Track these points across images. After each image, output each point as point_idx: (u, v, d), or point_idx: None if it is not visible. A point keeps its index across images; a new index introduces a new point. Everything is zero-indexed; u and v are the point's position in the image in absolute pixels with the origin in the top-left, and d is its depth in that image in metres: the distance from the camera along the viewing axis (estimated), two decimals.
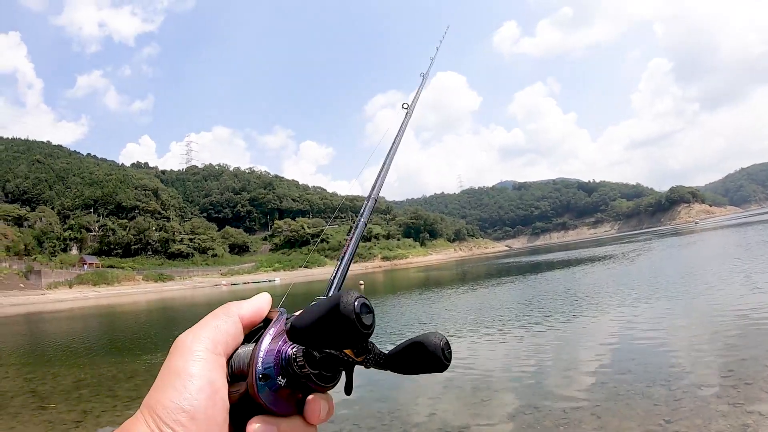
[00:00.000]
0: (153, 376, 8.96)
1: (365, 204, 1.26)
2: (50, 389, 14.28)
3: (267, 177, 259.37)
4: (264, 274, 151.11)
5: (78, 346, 24.68)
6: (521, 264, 64.53)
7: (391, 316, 24.00)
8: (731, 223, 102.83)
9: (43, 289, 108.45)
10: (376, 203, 1.28)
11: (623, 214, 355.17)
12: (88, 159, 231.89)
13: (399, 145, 1.40)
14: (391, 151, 1.37)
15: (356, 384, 7.97)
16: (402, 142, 1.27)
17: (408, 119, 1.55)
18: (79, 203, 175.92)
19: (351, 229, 1.18)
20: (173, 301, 67.05)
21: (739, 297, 16.53)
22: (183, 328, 10.26)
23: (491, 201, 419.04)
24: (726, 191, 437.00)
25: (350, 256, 1.11)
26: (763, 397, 7.85)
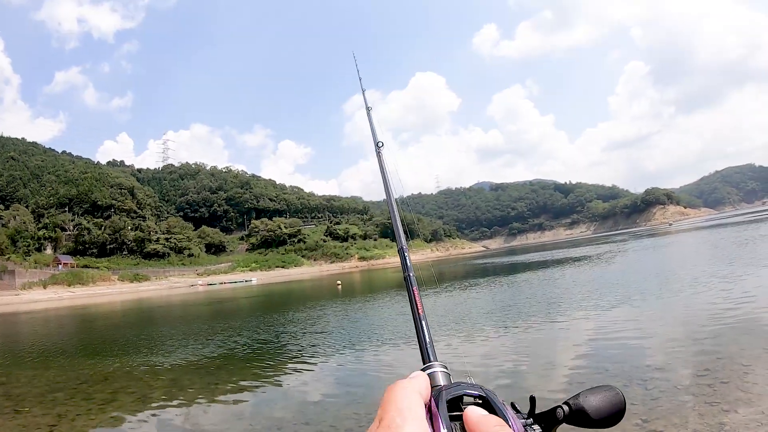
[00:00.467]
0: (129, 378, 10.04)
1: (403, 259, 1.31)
2: (24, 392, 14.14)
3: (244, 176, 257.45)
4: (241, 274, 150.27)
5: (52, 347, 24.65)
6: (498, 265, 64.95)
7: (370, 317, 24.49)
8: (705, 225, 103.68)
9: (17, 290, 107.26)
10: (405, 252, 1.32)
11: (599, 216, 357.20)
12: (63, 157, 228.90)
13: (390, 183, 1.46)
14: (389, 196, 1.43)
15: (330, 385, 8.97)
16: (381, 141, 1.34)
17: (381, 155, 1.63)
18: (54, 202, 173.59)
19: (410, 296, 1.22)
20: (149, 302, 66.80)
21: (714, 297, 16.73)
22: (159, 329, 11.43)
23: (468, 201, 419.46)
24: (701, 193, 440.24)
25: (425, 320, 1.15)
26: (739, 395, 7.96)
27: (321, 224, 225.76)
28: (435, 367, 0.95)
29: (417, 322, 1.13)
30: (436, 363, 0.96)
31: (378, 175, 1.46)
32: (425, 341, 1.06)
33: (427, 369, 0.95)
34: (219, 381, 13.57)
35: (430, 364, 0.96)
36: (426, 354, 1.03)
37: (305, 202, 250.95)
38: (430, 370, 0.94)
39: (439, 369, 0.95)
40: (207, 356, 17.42)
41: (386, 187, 1.53)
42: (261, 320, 28.87)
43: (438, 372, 0.94)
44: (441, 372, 0.95)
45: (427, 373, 0.93)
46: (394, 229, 1.43)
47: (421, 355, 1.03)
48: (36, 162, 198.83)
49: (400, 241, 1.38)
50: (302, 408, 10.36)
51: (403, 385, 0.80)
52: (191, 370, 15.40)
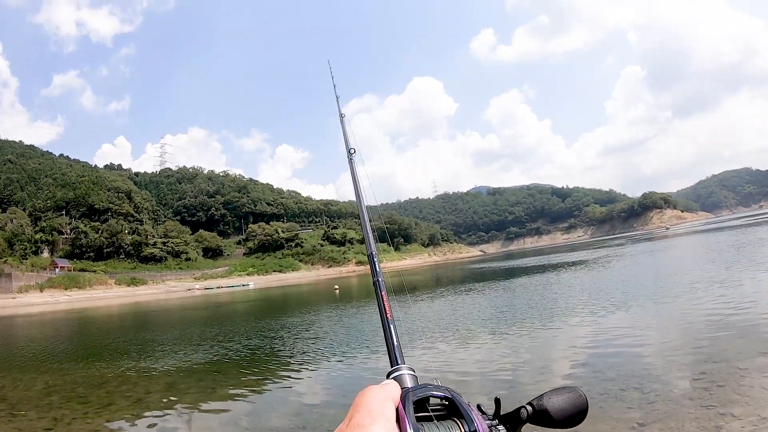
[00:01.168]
0: (125, 382, 10.01)
1: (372, 264, 1.33)
2: (20, 396, 14.11)
3: (241, 180, 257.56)
4: (238, 278, 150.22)
5: (49, 351, 24.61)
6: (495, 269, 64.96)
7: (367, 322, 24.49)
8: (702, 229, 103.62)
9: (13, 293, 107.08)
10: (374, 258, 1.34)
11: (596, 220, 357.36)
12: (60, 160, 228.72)
13: (361, 191, 1.50)
14: (360, 202, 1.47)
15: (327, 389, 8.94)
16: (378, 146, 1.38)
17: (353, 162, 1.67)
18: (51, 205, 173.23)
19: (378, 299, 1.23)
20: (146, 306, 66.73)
21: (710, 300, 16.73)
22: (156, 334, 11.41)
23: (466, 206, 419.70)
24: (698, 197, 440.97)
25: (393, 324, 1.16)
26: (735, 398, 7.97)
27: (318, 228, 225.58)
28: (402, 369, 0.97)
29: (385, 326, 1.14)
30: (403, 366, 0.98)
31: (374, 178, 1.50)
32: (393, 344, 1.08)
33: (395, 372, 0.97)
34: (216, 385, 13.55)
35: (398, 367, 0.98)
36: (394, 357, 1.05)
37: (303, 206, 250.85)
38: (397, 373, 0.96)
39: (407, 372, 0.97)
40: (203, 361, 17.40)
41: (357, 194, 1.55)
42: (258, 325, 28.83)
43: (405, 374, 0.96)
44: (408, 374, 0.97)
45: (394, 376, 0.96)
46: (364, 235, 1.47)
47: (389, 358, 1.05)
48: (33, 165, 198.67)
49: (369, 247, 1.42)
50: (299, 412, 10.36)
51: (375, 389, 0.82)
52: (188, 374, 15.38)
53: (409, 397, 0.84)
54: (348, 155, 1.77)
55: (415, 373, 0.97)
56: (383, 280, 1.28)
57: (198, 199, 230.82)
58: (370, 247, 1.43)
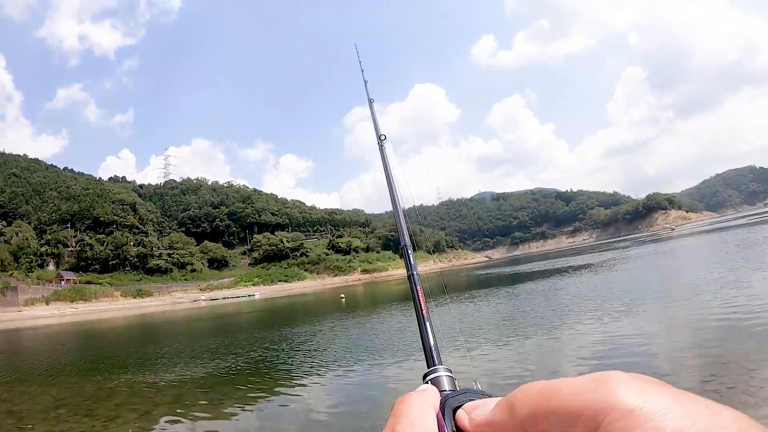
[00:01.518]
0: (132, 394, 9.99)
1: (406, 257, 1.27)
2: (27, 409, 14.12)
3: (245, 191, 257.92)
4: (243, 288, 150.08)
5: (56, 364, 24.67)
6: (501, 275, 64.90)
7: (374, 332, 24.45)
8: (707, 229, 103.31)
9: (19, 306, 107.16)
10: (408, 249, 1.27)
11: (601, 222, 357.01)
12: (65, 173, 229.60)
13: (393, 179, 1.47)
14: (392, 190, 1.42)
15: (335, 399, 8.93)
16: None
17: (384, 149, 1.64)
18: (56, 218, 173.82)
19: (414, 295, 1.16)
20: (152, 318, 66.80)
21: (719, 302, 16.64)
22: (163, 346, 11.41)
23: (470, 212, 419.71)
24: (702, 197, 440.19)
25: (429, 322, 1.09)
26: (745, 400, 7.89)
27: (323, 238, 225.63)
28: (440, 371, 0.91)
29: (421, 324, 1.09)
30: (440, 367, 0.92)
31: (378, 186, 1.45)
32: (430, 344, 1.02)
33: (432, 373, 0.91)
34: (223, 397, 13.53)
35: (435, 368, 0.92)
36: (430, 358, 1.00)
37: (307, 215, 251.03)
38: (434, 375, 0.90)
39: (444, 374, 0.91)
40: (210, 372, 17.38)
41: (389, 182, 1.51)
42: (264, 336, 28.81)
43: (443, 377, 0.90)
44: (446, 377, 0.90)
45: (430, 378, 0.90)
46: (397, 226, 1.37)
47: (426, 359, 1.00)
48: (38, 178, 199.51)
49: (403, 238, 1.33)
50: (307, 423, 10.34)
51: (415, 397, 0.75)
52: (194, 386, 15.36)
53: (448, 404, 0.76)
54: (378, 142, 1.73)
55: (453, 374, 0.91)
56: (419, 274, 1.22)
57: (202, 210, 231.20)
58: (404, 238, 1.34)
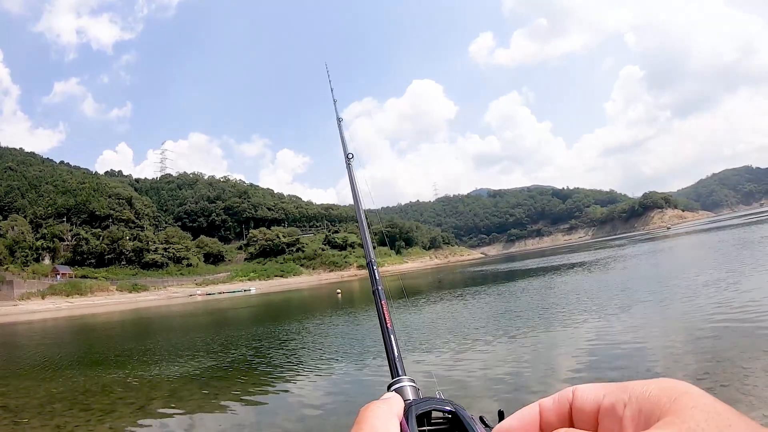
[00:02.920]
0: (127, 389, 9.98)
1: (371, 273, 1.28)
2: (23, 403, 14.06)
3: (242, 186, 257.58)
4: (239, 283, 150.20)
5: (51, 358, 24.56)
6: (496, 272, 64.82)
7: (371, 328, 24.46)
8: (703, 228, 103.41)
9: (15, 300, 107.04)
10: (372, 266, 1.28)
11: (597, 221, 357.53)
12: (61, 167, 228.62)
13: (360, 196, 1.47)
14: (358, 208, 1.43)
15: (330, 395, 8.92)
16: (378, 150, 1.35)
17: (351, 167, 1.66)
18: (52, 212, 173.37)
19: (378, 309, 1.17)
20: (147, 312, 66.70)
21: (713, 300, 16.68)
22: (158, 340, 11.38)
23: (466, 209, 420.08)
24: (698, 196, 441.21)
25: (393, 334, 1.10)
26: (739, 398, 7.95)
27: (319, 233, 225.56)
28: (403, 381, 0.93)
29: (385, 336, 1.11)
30: (404, 377, 0.94)
31: (375, 182, 1.44)
32: (394, 355, 1.04)
33: (396, 383, 0.93)
34: (218, 392, 13.53)
35: (399, 379, 0.94)
36: (395, 368, 1.00)
37: (303, 211, 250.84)
38: (398, 385, 0.92)
39: (408, 383, 0.92)
40: (206, 367, 17.38)
41: (355, 199, 1.51)
42: (259, 331, 28.80)
43: (407, 386, 0.92)
44: (410, 386, 0.92)
45: (395, 388, 0.92)
46: (363, 242, 1.40)
47: (390, 370, 1.00)
48: (34, 172, 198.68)
49: (368, 255, 1.35)
50: (302, 418, 10.35)
51: (378, 405, 0.77)
52: (190, 380, 15.36)
53: (411, 411, 0.80)
54: (346, 160, 1.74)
55: (416, 384, 0.93)
56: (383, 289, 1.21)
57: (199, 204, 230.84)
58: (369, 255, 1.35)
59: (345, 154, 1.78)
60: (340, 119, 2.17)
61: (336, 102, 2.43)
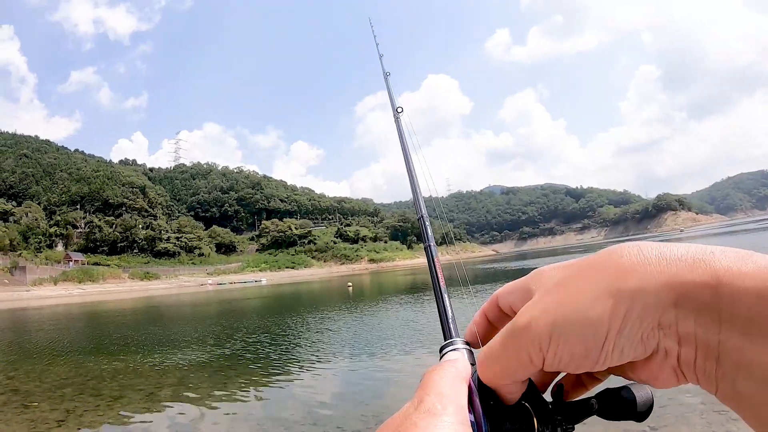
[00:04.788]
0: (137, 375, 9.79)
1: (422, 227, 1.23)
2: (33, 388, 13.90)
3: (255, 177, 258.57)
4: (250, 274, 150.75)
5: (62, 343, 24.62)
6: (507, 270, 64.54)
7: (381, 321, 24.33)
8: (717, 232, 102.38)
9: (27, 286, 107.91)
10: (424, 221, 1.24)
11: (610, 221, 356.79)
12: (75, 155, 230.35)
13: (409, 150, 1.47)
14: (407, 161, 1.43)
15: (339, 387, 8.70)
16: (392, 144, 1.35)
17: (400, 121, 1.63)
18: (66, 199, 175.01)
19: (431, 267, 1.14)
20: (159, 300, 66.89)
21: None
22: (169, 329, 11.20)
23: (479, 205, 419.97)
24: (712, 199, 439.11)
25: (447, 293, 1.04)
26: None
27: (331, 226, 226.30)
28: (457, 344, 0.83)
29: (438, 296, 1.03)
30: (458, 339, 0.85)
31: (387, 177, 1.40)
32: (447, 315, 0.96)
33: (449, 346, 0.84)
34: (227, 380, 13.43)
35: (452, 341, 0.85)
36: (448, 330, 0.93)
37: (316, 203, 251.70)
38: (451, 348, 0.83)
39: (462, 346, 0.83)
40: (215, 356, 17.29)
41: (405, 153, 1.49)
42: (270, 321, 28.71)
43: (462, 350, 0.82)
44: (465, 350, 0.83)
45: (446, 351, 0.83)
46: (413, 198, 1.36)
47: (443, 331, 0.93)
48: (48, 160, 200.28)
49: (419, 210, 1.31)
50: (310, 409, 10.21)
51: (446, 368, 0.69)
52: (199, 369, 15.27)
53: (475, 376, 0.71)
54: (394, 114, 1.72)
55: (470, 347, 0.83)
56: (435, 245, 1.18)
57: (212, 194, 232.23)
58: (421, 210, 1.31)
59: (393, 108, 1.76)
60: (387, 73, 2.12)
61: (382, 57, 2.37)
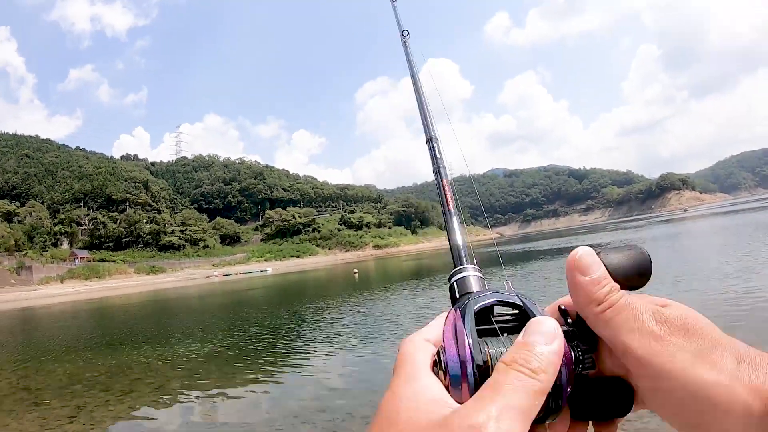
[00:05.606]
0: (146, 369, 9.87)
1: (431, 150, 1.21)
2: (43, 385, 14.12)
3: (257, 167, 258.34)
4: (256, 264, 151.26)
5: (71, 340, 24.79)
6: (511, 253, 64.41)
7: (388, 308, 24.36)
8: (722, 211, 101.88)
9: (34, 285, 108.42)
10: (433, 143, 1.21)
11: (614, 201, 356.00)
12: (77, 152, 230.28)
13: (417, 74, 1.40)
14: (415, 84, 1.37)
15: (347, 374, 8.73)
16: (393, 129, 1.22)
17: (407, 45, 1.55)
18: (69, 197, 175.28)
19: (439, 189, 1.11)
20: (165, 294, 67.01)
21: (730, 284, 16.15)
22: (176, 321, 11.26)
23: (482, 188, 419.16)
24: (716, 178, 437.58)
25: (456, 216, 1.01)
26: None
27: (335, 213, 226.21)
28: (467, 270, 0.81)
29: (447, 219, 1.00)
30: (468, 266, 0.82)
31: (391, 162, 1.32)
32: (457, 241, 0.92)
33: (459, 273, 0.81)
34: (235, 371, 13.49)
35: (462, 267, 0.82)
36: (458, 256, 0.88)
37: (319, 191, 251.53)
38: (461, 275, 0.80)
39: (472, 273, 0.80)
40: (222, 347, 17.36)
41: (413, 77, 1.44)
42: (276, 311, 28.78)
43: (471, 276, 0.80)
44: (474, 277, 0.80)
45: (457, 278, 0.80)
46: (421, 118, 1.31)
47: (452, 258, 0.89)
48: (50, 158, 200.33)
49: (428, 130, 1.26)
50: (318, 397, 10.25)
51: (412, 336, 0.69)
52: (207, 360, 15.34)
53: (470, 306, 0.66)
54: (401, 37, 1.63)
55: (482, 275, 0.80)
56: (445, 167, 1.15)
57: (214, 186, 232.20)
58: (430, 130, 1.26)
59: (400, 32, 1.66)
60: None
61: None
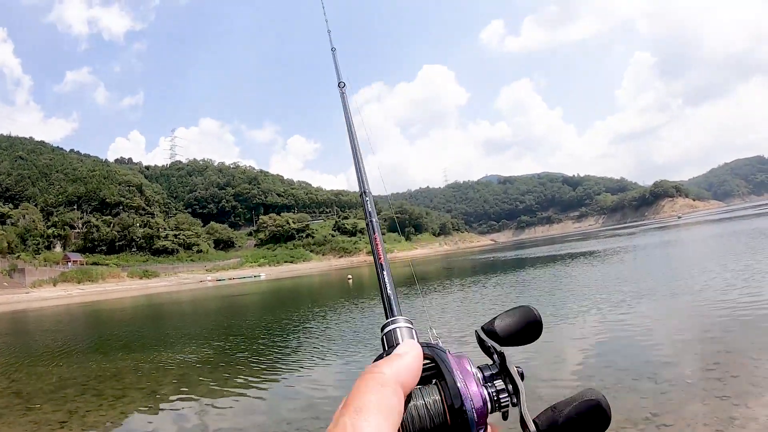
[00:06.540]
0: (138, 374, 10.09)
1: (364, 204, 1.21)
2: (35, 389, 14.16)
3: (252, 172, 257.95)
4: (249, 269, 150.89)
5: (63, 344, 24.69)
6: (506, 259, 64.49)
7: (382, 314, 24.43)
8: (715, 218, 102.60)
9: (27, 288, 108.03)
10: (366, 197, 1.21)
11: (608, 208, 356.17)
12: (71, 155, 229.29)
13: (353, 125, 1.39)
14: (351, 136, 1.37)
15: (340, 381, 8.94)
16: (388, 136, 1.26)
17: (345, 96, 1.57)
18: (63, 200, 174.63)
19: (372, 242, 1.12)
20: (158, 298, 67.03)
21: (723, 291, 16.44)
22: (169, 326, 11.49)
23: (477, 195, 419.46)
24: (710, 185, 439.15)
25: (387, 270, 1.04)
26: (749, 389, 7.95)
27: (329, 219, 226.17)
28: (399, 322, 0.85)
29: (379, 272, 1.03)
30: (399, 318, 0.87)
31: (384, 168, 1.37)
32: (388, 293, 0.96)
33: (390, 324, 0.86)
34: (228, 377, 13.59)
35: (394, 319, 0.86)
36: (389, 308, 0.93)
37: (313, 197, 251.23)
38: (393, 326, 0.85)
39: (404, 324, 0.85)
40: (215, 353, 17.46)
41: (349, 129, 1.44)
42: (269, 317, 28.90)
43: (402, 328, 0.85)
44: (405, 328, 0.85)
45: (389, 329, 0.86)
46: (356, 173, 1.34)
47: (384, 310, 0.94)
48: (44, 161, 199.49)
49: (362, 185, 1.29)
50: (312, 403, 10.39)
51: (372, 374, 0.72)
52: (200, 366, 15.44)
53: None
54: (339, 89, 1.67)
55: (413, 326, 0.85)
56: (377, 221, 1.15)
57: (209, 191, 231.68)
58: (364, 185, 1.29)
59: (338, 83, 1.70)
60: (333, 48, 2.08)
61: (330, 32, 2.37)
